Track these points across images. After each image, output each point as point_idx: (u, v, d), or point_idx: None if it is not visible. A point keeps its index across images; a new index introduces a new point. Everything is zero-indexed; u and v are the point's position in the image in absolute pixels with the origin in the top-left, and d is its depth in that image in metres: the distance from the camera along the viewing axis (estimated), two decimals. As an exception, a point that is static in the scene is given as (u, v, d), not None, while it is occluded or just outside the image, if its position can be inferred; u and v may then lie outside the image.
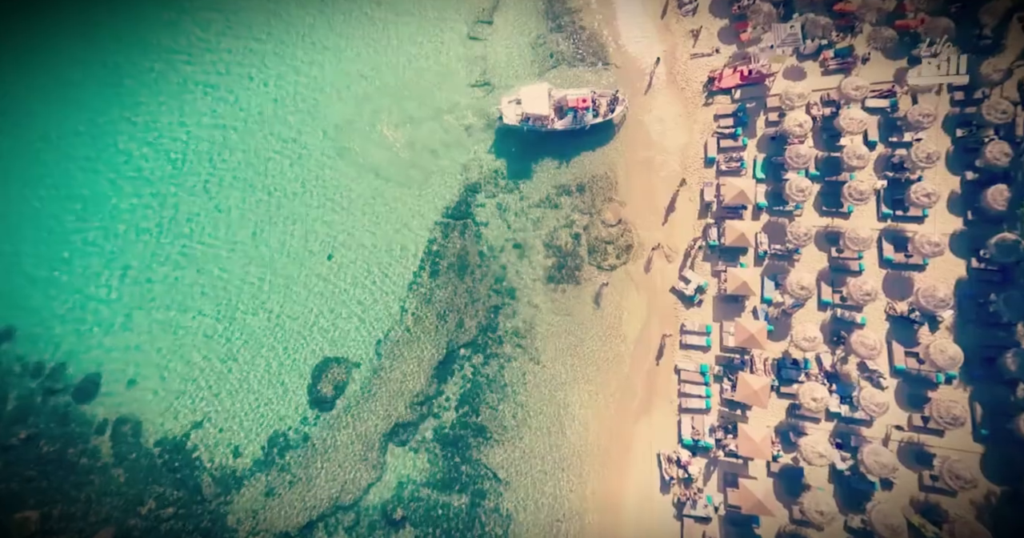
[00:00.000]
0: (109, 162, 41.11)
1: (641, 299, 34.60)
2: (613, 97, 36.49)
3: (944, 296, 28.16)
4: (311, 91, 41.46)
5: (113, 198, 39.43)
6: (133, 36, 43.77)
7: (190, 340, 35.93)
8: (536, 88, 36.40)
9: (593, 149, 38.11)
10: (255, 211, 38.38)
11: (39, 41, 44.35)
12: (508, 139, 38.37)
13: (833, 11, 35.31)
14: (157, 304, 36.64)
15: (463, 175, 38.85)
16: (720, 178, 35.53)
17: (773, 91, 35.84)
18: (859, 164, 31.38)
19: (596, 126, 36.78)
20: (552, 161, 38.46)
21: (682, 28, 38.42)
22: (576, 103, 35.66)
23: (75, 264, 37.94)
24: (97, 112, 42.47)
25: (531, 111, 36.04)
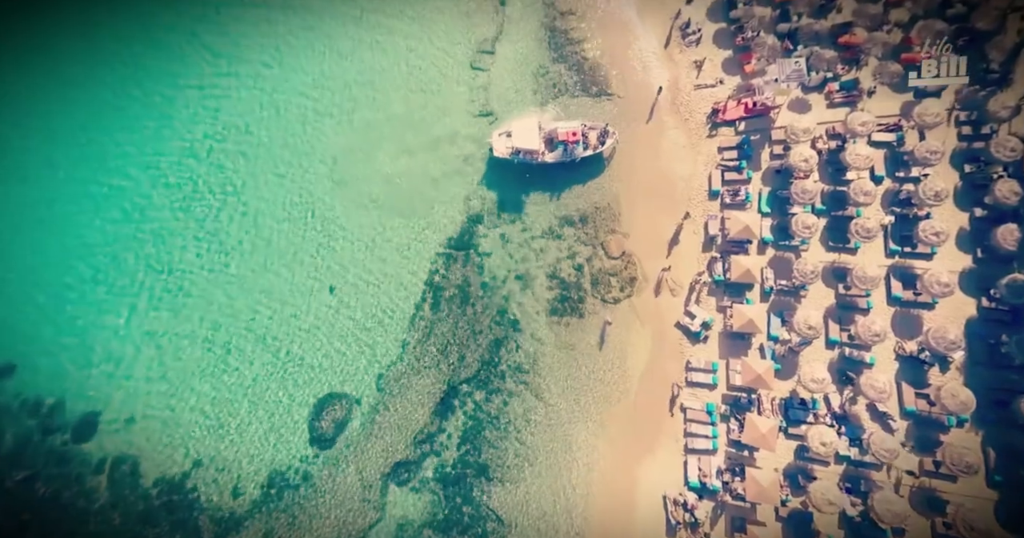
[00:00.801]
0: (116, 190, 41.17)
1: (645, 333, 34.17)
2: (603, 130, 36.36)
3: (955, 338, 27.66)
4: (314, 115, 41.31)
5: (120, 227, 39.37)
6: (139, 58, 43.97)
7: (189, 378, 35.60)
8: (526, 122, 36.47)
9: (594, 180, 37.85)
10: (259, 243, 38.16)
11: (38, 57, 44.69)
12: (509, 169, 38.07)
13: (838, 44, 35.29)
14: (157, 342, 36.40)
15: (465, 205, 38.61)
16: (724, 211, 35.22)
17: (778, 123, 35.57)
18: (866, 201, 31.04)
19: (586, 159, 36.64)
20: (554, 191, 38.17)
21: (685, 59, 38.30)
22: (566, 136, 35.57)
23: (75, 298, 37.75)
24: (102, 136, 42.55)
25: (521, 145, 36.03)
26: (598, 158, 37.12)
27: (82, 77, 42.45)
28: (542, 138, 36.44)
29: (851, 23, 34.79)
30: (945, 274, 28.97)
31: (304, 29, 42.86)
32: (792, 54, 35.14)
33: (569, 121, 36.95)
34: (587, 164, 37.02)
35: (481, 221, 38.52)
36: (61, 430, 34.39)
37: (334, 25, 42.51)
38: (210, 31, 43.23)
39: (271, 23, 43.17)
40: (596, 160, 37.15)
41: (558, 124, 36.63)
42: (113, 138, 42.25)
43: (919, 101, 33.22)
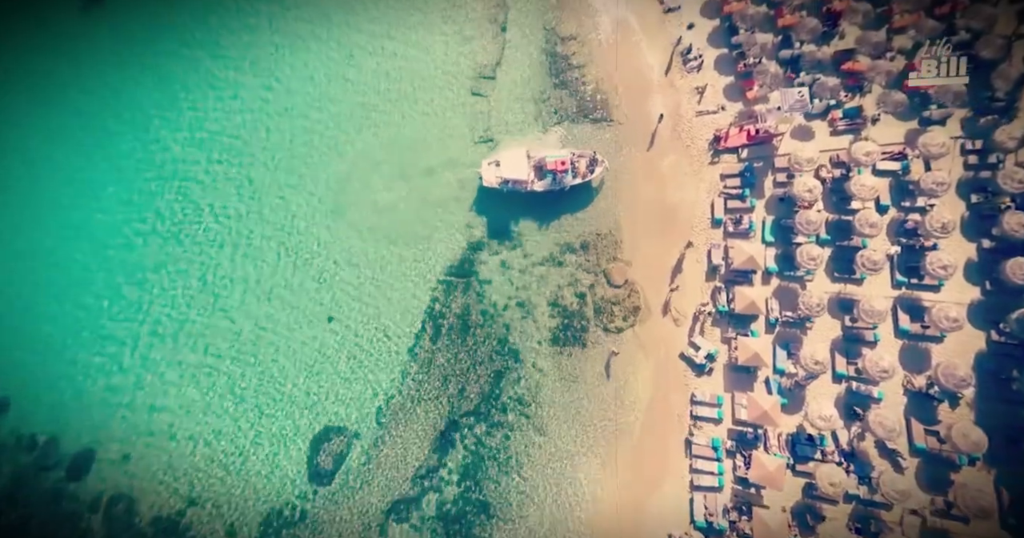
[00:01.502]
0: (114, 220, 40.93)
1: (649, 365, 33.66)
2: (592, 159, 36.08)
3: (964, 375, 27.11)
4: (312, 141, 40.95)
5: (120, 255, 39.09)
6: (138, 84, 43.83)
7: (187, 411, 35.18)
8: (515, 152, 36.34)
9: (596, 206, 37.53)
10: (257, 273, 37.87)
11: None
12: (508, 196, 37.79)
13: (841, 70, 35.05)
14: (157, 374, 36.02)
15: (465, 232, 38.21)
16: (728, 240, 34.81)
17: (781, 151, 35.22)
18: (871, 232, 30.61)
19: (576, 187, 36.35)
20: (555, 218, 37.77)
21: (687, 84, 38.04)
22: (555, 166, 35.35)
23: (73, 328, 37.37)
24: (101, 161, 42.36)
25: (509, 175, 35.86)
26: (587, 187, 36.85)
27: (79, 101, 42.28)
28: (531, 166, 36.25)
29: (854, 50, 34.64)
30: (954, 309, 28.45)
31: (303, 52, 42.84)
32: (795, 82, 35.05)
33: (558, 150, 36.71)
34: (581, 192, 36.70)
35: (481, 248, 38.19)
36: (56, 467, 33.92)
37: (334, 51, 42.33)
38: (211, 56, 43.05)
39: (274, 47, 43.06)
40: (585, 189, 36.83)
41: (547, 153, 36.38)
42: (114, 164, 42.17)
43: (924, 129, 32.94)
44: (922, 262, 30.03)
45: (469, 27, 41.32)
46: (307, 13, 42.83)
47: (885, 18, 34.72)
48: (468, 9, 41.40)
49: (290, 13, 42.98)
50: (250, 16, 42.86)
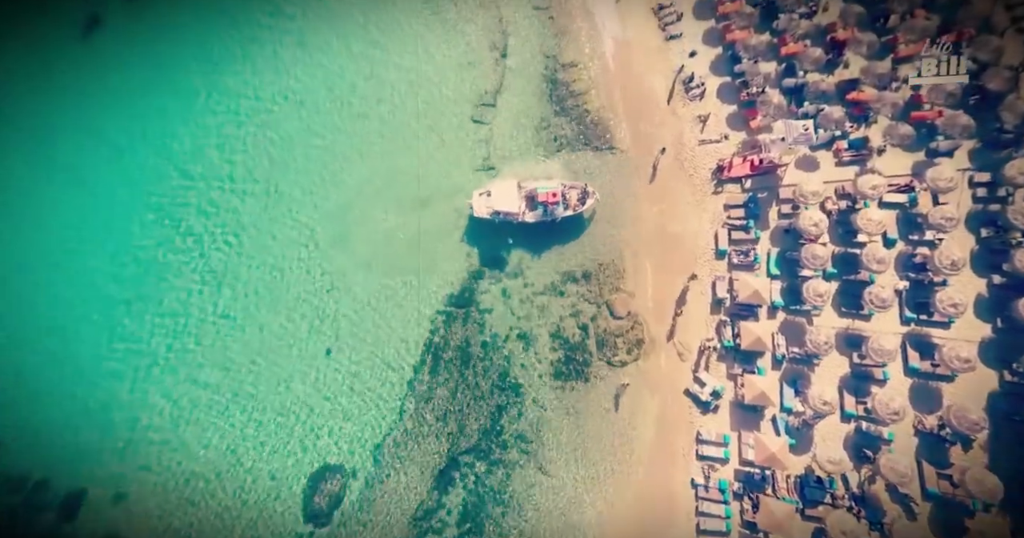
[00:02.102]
0: (105, 246, 40.51)
1: (654, 401, 32.98)
2: (583, 190, 35.66)
3: (977, 418, 26.41)
4: (317, 167, 40.39)
5: (112, 291, 38.46)
6: (142, 105, 43.23)
7: (179, 451, 34.54)
8: (506, 184, 35.97)
9: (598, 235, 37.01)
10: (254, 304, 37.35)
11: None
12: (508, 224, 37.03)
13: (846, 100, 34.62)
14: (146, 417, 35.39)
15: (465, 261, 37.61)
16: (732, 272, 34.22)
17: (785, 181, 34.71)
18: (879, 268, 30.01)
19: (567, 219, 35.85)
20: (557, 246, 37.25)
21: (689, 113, 37.59)
22: (546, 198, 34.99)
23: (64, 367, 36.84)
24: (99, 185, 41.86)
25: (500, 207, 35.47)
26: (578, 218, 36.34)
27: (77, 128, 41.78)
28: (522, 197, 35.83)
29: (859, 80, 34.22)
30: (965, 348, 27.80)
31: (306, 79, 42.29)
32: (799, 114, 34.57)
33: (549, 181, 36.20)
34: (567, 224, 36.05)
35: (482, 276, 37.61)
36: (48, 507, 33.15)
37: (336, 78, 41.69)
38: (213, 83, 42.35)
39: (277, 73, 42.42)
40: (576, 220, 36.30)
41: (538, 184, 35.94)
42: (112, 192, 41.67)
43: (931, 161, 32.48)
44: (931, 298, 29.41)
45: (470, 54, 40.95)
46: (311, 39, 42.33)
47: (890, 47, 34.39)
48: (468, 36, 41.05)
49: (292, 37, 42.57)
50: (252, 43, 42.44)
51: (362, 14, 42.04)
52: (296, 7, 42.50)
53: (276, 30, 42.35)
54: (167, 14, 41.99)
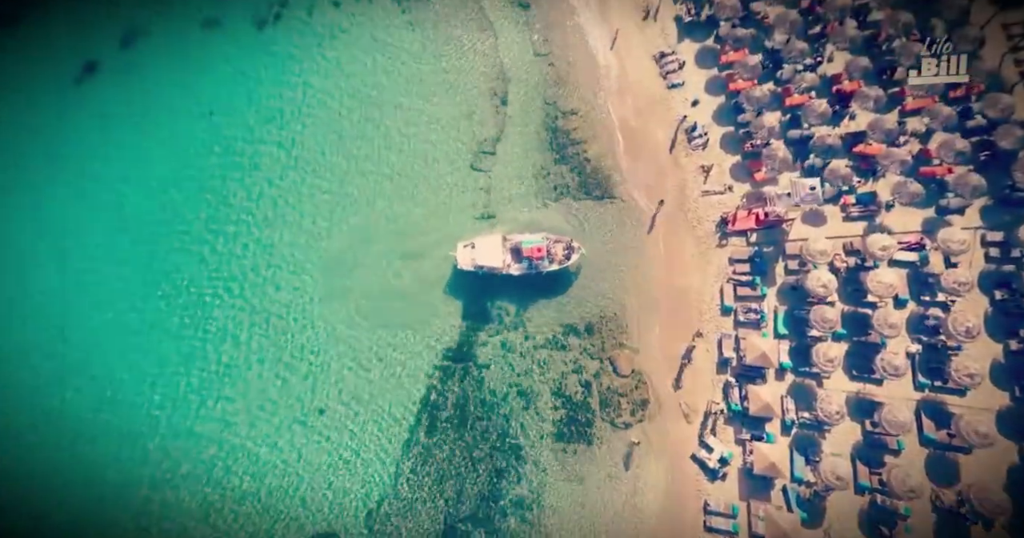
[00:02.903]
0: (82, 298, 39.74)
1: (660, 466, 31.78)
2: (568, 244, 34.86)
3: (999, 501, 25.25)
4: (311, 214, 39.27)
5: (99, 345, 37.59)
6: (137, 150, 42.28)
7: (170, 508, 33.45)
8: (491, 238, 35.21)
9: (600, 287, 36.13)
10: (245, 359, 36.22)
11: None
12: (501, 276, 36.24)
13: (853, 153, 33.97)
14: (137, 470, 34.39)
15: (463, 313, 36.40)
16: (739, 329, 33.27)
17: (792, 236, 33.94)
18: (891, 333, 28.95)
19: (552, 273, 35.00)
20: (557, 298, 36.25)
21: (692, 163, 36.86)
22: (530, 252, 34.23)
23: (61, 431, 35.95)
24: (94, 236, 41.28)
25: (483, 262, 34.65)
26: (564, 273, 35.39)
27: (72, 177, 41.03)
28: (508, 250, 35.07)
29: (866, 132, 33.55)
30: (983, 422, 26.72)
31: (306, 123, 41.20)
32: (805, 167, 33.86)
33: (534, 234, 35.32)
34: (553, 278, 35.17)
35: (481, 329, 36.57)
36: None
37: (336, 121, 40.73)
38: (211, 125, 41.38)
39: (278, 114, 41.21)
40: (562, 274, 35.36)
41: (523, 237, 35.18)
42: (109, 236, 40.97)
43: (941, 218, 31.72)
44: (946, 366, 28.44)
45: (470, 101, 40.27)
46: (313, 81, 41.50)
47: (897, 100, 33.89)
48: (468, 82, 40.43)
49: (293, 79, 41.91)
50: (255, 88, 41.51)
51: (370, 59, 41.48)
52: (300, 52, 41.68)
53: (280, 76, 41.49)
54: (165, 61, 41.51)
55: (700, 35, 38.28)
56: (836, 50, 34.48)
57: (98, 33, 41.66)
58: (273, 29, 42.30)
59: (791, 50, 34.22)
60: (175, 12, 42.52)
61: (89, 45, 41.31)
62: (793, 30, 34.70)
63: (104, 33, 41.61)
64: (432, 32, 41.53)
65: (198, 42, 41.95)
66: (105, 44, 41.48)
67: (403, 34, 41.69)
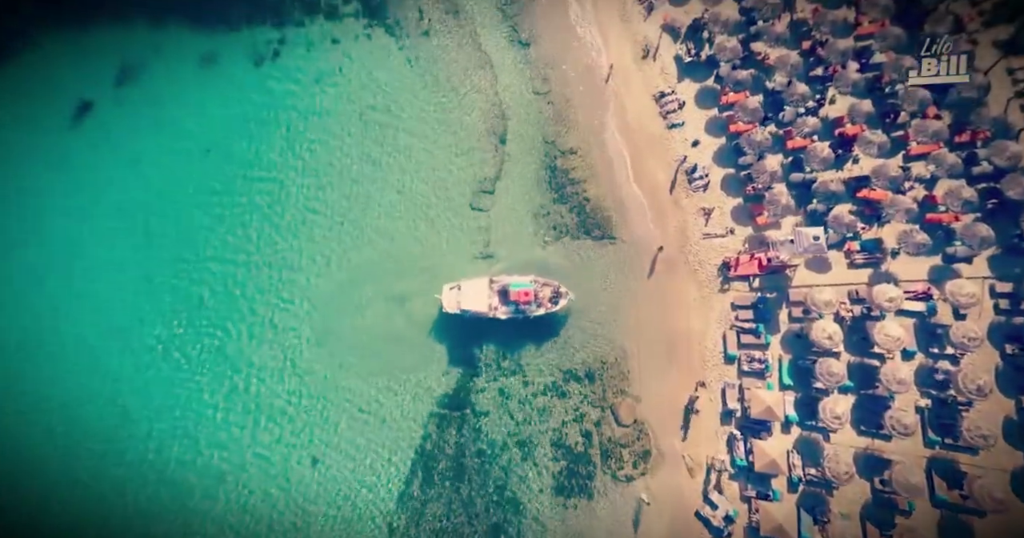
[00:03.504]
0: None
1: (663, 523, 30.82)
2: (556, 289, 34.27)
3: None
4: (307, 253, 38.89)
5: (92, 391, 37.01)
6: (130, 194, 42.33)
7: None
8: (477, 281, 34.66)
9: (599, 331, 35.44)
10: (236, 406, 35.53)
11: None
12: (506, 319, 35.63)
13: (856, 197, 33.40)
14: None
15: (460, 357, 35.81)
16: (743, 379, 32.44)
17: (795, 282, 33.31)
18: (899, 389, 28.20)
19: (540, 318, 34.35)
20: (557, 342, 35.58)
21: (692, 204, 36.28)
22: (518, 296, 33.64)
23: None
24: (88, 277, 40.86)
25: (468, 306, 34.01)
26: (552, 317, 34.69)
27: (67, 216, 40.91)
28: (495, 292, 34.44)
29: (869, 177, 32.99)
30: (997, 486, 25.86)
31: (303, 168, 40.63)
32: (808, 211, 33.30)
33: (522, 277, 34.65)
34: (540, 323, 34.54)
35: (478, 374, 35.83)
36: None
37: (335, 164, 40.19)
38: (208, 167, 40.89)
39: (278, 154, 40.86)
40: (550, 319, 34.70)
41: (511, 280, 34.56)
42: (101, 274, 40.52)
43: (949, 266, 31.07)
44: (957, 423, 27.63)
45: (468, 139, 39.80)
46: (312, 119, 41.08)
47: (902, 144, 33.39)
48: (467, 121, 39.98)
49: (291, 116, 41.17)
50: (257, 127, 41.11)
51: (369, 97, 40.89)
52: (298, 90, 41.28)
53: (278, 114, 41.04)
54: (161, 98, 41.20)
55: (700, 75, 37.96)
56: (838, 93, 34.20)
57: (93, 70, 41.61)
58: (271, 66, 42.26)
59: (792, 93, 33.73)
60: (171, 48, 42.42)
61: (83, 83, 41.28)
62: (794, 73, 34.45)
63: (99, 70, 41.59)
64: (431, 70, 41.31)
65: (195, 79, 41.83)
66: (100, 82, 41.41)
67: (402, 72, 41.56)
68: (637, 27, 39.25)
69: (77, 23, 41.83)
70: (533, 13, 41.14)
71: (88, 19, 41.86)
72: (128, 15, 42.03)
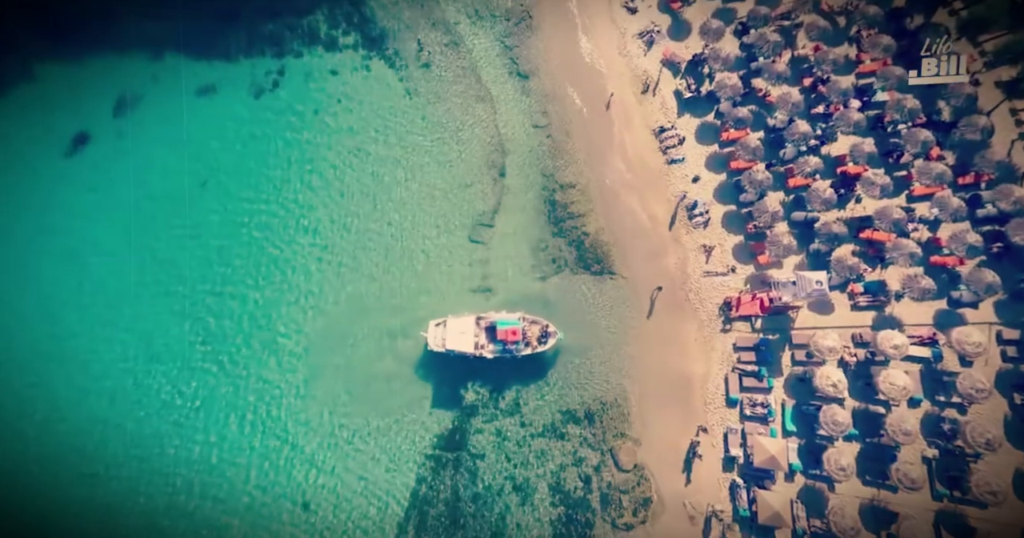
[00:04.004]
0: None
1: (663, 575, 30.14)
2: (544, 328, 33.67)
3: (1031, 638, 23.59)
4: (312, 281, 38.41)
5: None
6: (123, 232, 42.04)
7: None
8: (463, 319, 34.04)
9: (598, 370, 34.76)
10: (223, 451, 34.92)
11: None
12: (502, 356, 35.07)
13: (860, 238, 32.96)
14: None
15: (457, 396, 35.02)
16: (745, 423, 31.71)
17: (798, 323, 32.80)
18: (906, 441, 27.53)
19: (528, 357, 33.72)
20: (555, 381, 34.89)
21: (693, 241, 35.83)
22: (505, 335, 32.89)
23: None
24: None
25: (453, 346, 33.33)
26: (540, 357, 34.16)
27: (62, 250, 40.48)
28: (483, 328, 33.91)
29: (872, 218, 32.52)
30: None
31: (300, 201, 40.23)
32: (810, 251, 32.91)
33: (510, 314, 34.10)
34: (528, 362, 33.91)
35: (475, 414, 35.08)
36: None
37: (334, 195, 40.06)
38: (204, 201, 40.58)
39: (274, 186, 40.49)
40: (538, 359, 34.07)
41: (499, 317, 33.98)
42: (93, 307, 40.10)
43: (954, 310, 30.56)
44: (966, 476, 26.89)
45: (468, 172, 39.47)
46: (311, 151, 40.58)
47: (905, 184, 33.02)
48: (467, 153, 39.69)
49: (290, 149, 40.92)
50: (247, 153, 41.07)
51: (369, 129, 40.54)
52: (297, 122, 41.02)
53: (277, 146, 40.74)
54: (158, 130, 40.98)
55: (700, 110, 37.69)
56: (840, 133, 33.85)
57: (90, 101, 41.42)
58: (270, 97, 42.05)
59: (794, 132, 33.49)
60: (170, 79, 42.24)
61: (80, 114, 41.03)
62: (795, 111, 34.14)
63: (96, 101, 41.39)
64: (430, 102, 41.04)
65: (193, 110, 41.63)
66: (97, 113, 41.22)
67: (401, 104, 41.31)
68: (637, 62, 39.15)
69: (75, 54, 41.76)
70: (533, 46, 41.06)
71: (87, 50, 41.77)
72: (127, 46, 41.97)
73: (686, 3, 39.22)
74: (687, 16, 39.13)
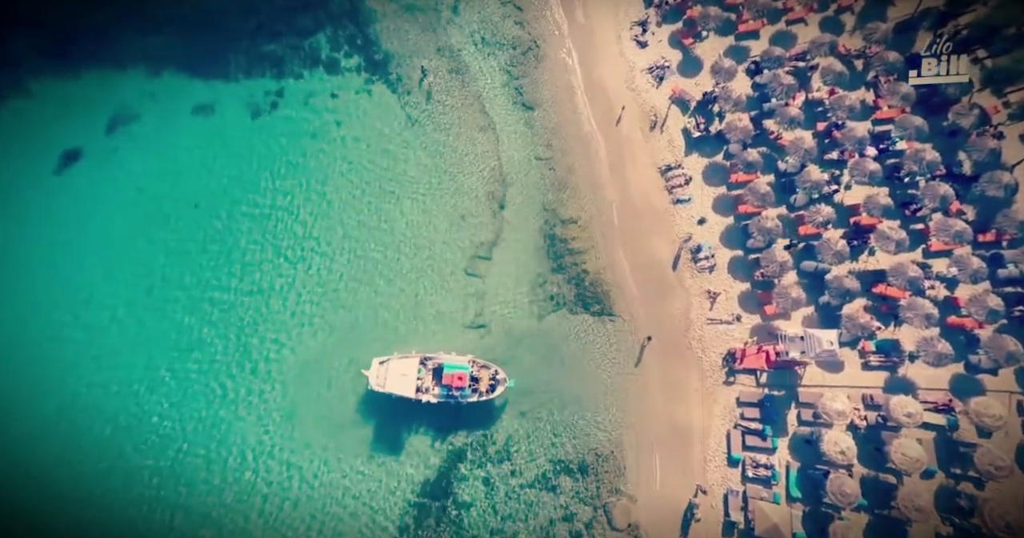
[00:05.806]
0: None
1: None
2: (494, 374, 32.21)
3: None
4: (301, 311, 36.82)
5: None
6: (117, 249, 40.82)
7: None
8: (408, 360, 32.29)
9: (594, 418, 33.09)
10: (198, 496, 33.47)
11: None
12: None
13: (873, 293, 31.48)
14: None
15: (445, 439, 33.39)
16: (747, 485, 30.05)
17: (805, 381, 31.22)
18: (919, 518, 25.83)
19: (473, 405, 32.19)
20: (547, 426, 33.27)
21: (697, 285, 34.38)
22: (450, 380, 31.17)
23: None
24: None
25: (393, 389, 31.53)
26: (488, 405, 32.69)
27: (55, 270, 39.04)
28: (429, 369, 32.28)
29: (885, 272, 31.10)
30: None
31: (297, 234, 38.61)
32: (820, 304, 31.45)
33: (460, 357, 32.59)
34: (474, 410, 32.38)
35: (462, 459, 33.35)
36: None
37: (323, 224, 38.61)
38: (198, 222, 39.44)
39: (271, 212, 38.83)
40: (484, 407, 32.58)
41: (447, 358, 32.39)
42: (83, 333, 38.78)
43: (972, 376, 28.96)
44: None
45: (467, 203, 38.01)
46: (307, 176, 39.05)
47: (922, 238, 31.57)
48: (466, 184, 38.27)
49: (286, 172, 39.32)
50: (243, 175, 39.46)
51: (367, 155, 39.29)
52: (295, 144, 39.76)
53: (273, 168, 39.36)
54: (152, 148, 39.85)
55: (709, 150, 36.43)
56: (855, 182, 32.51)
57: (83, 117, 40.15)
58: (269, 118, 40.84)
59: (806, 180, 32.21)
60: (167, 97, 41.07)
61: (73, 131, 39.76)
62: (808, 157, 32.87)
63: (90, 117, 40.07)
64: (431, 129, 39.82)
65: (189, 130, 40.57)
66: (90, 129, 39.92)
67: (403, 130, 40.04)
68: (645, 97, 37.99)
69: (71, 69, 40.73)
70: (539, 77, 39.96)
71: (83, 66, 40.79)
72: (125, 62, 41.02)
73: (697, 39, 38.30)
74: (698, 52, 38.11)
